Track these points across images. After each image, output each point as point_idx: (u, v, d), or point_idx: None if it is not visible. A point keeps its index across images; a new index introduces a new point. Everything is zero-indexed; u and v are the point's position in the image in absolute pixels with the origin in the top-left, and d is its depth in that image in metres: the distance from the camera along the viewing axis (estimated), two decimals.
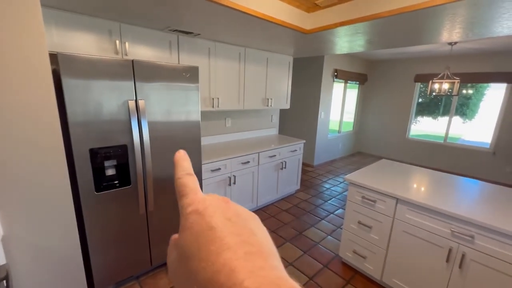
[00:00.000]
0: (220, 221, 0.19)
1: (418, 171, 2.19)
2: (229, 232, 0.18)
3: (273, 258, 0.18)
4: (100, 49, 1.84)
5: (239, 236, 0.18)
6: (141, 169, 1.70)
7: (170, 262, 0.21)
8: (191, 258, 0.18)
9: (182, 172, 0.24)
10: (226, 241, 0.18)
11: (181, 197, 0.22)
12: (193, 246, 0.18)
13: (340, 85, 5.26)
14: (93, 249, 1.63)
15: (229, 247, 0.17)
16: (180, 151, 0.26)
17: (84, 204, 1.53)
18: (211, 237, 0.18)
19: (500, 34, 2.08)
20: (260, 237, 0.19)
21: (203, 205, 0.20)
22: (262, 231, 0.21)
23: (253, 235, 0.19)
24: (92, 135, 1.50)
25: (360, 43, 2.62)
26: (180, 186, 0.23)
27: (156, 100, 1.73)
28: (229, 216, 0.20)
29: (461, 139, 4.91)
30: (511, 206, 1.53)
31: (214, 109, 2.66)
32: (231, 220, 0.20)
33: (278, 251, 0.20)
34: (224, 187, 2.61)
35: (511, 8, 1.48)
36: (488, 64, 4.23)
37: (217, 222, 0.19)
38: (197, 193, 0.22)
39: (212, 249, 0.17)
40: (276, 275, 0.16)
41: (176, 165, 0.25)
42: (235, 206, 0.22)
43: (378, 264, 1.87)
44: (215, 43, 2.53)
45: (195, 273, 0.17)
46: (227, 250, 0.17)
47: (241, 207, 0.22)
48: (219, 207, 0.21)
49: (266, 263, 0.17)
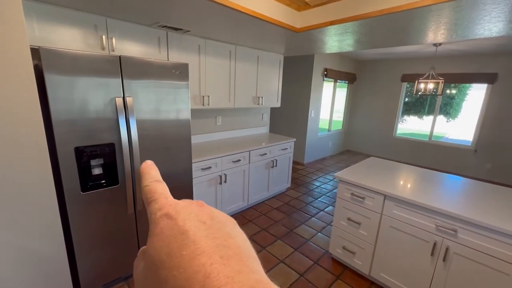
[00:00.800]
0: (193, 224, 0.18)
1: (404, 169, 2.25)
2: (203, 235, 0.17)
3: (252, 260, 0.17)
4: (85, 44, 1.78)
5: (214, 239, 0.17)
6: (129, 168, 1.66)
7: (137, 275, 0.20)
8: (160, 267, 0.16)
9: (150, 179, 0.22)
10: (200, 245, 0.16)
11: (150, 203, 0.20)
12: (162, 252, 0.17)
13: (330, 84, 5.33)
14: (79, 250, 1.58)
15: (203, 251, 0.16)
16: (147, 161, 0.25)
17: (69, 204, 1.48)
18: (184, 241, 0.17)
19: (481, 36, 2.16)
20: (237, 240, 0.18)
21: (174, 209, 0.19)
22: (239, 234, 0.20)
23: (229, 237, 0.18)
24: (78, 133, 1.45)
25: (350, 42, 2.66)
26: (148, 193, 0.21)
27: (145, 97, 1.69)
28: (203, 219, 0.19)
29: (444, 138, 5.09)
30: (490, 201, 1.60)
31: (204, 107, 2.63)
32: (206, 223, 0.18)
33: (269, 249, 0.19)
34: (215, 185, 2.59)
35: (491, 11, 1.54)
36: (470, 65, 4.40)
37: (191, 225, 0.18)
38: (168, 198, 0.21)
39: (184, 255, 0.16)
40: (256, 279, 0.15)
41: (143, 174, 0.23)
42: (210, 209, 0.21)
43: (367, 260, 1.91)
44: (205, 40, 2.50)
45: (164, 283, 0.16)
46: (201, 254, 0.16)
47: (216, 210, 0.21)
48: (193, 211, 0.19)
49: (245, 267, 0.16)
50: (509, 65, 4.05)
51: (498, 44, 3.50)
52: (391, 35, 2.27)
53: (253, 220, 2.84)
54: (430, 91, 3.78)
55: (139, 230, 1.85)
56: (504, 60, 4.08)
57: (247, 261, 0.17)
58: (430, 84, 3.73)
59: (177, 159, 1.97)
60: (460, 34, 2.14)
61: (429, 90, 3.78)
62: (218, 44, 2.63)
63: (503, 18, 1.68)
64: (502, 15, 1.61)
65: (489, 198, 1.65)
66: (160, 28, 2.12)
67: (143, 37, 2.06)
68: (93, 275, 1.68)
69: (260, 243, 2.40)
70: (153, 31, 2.10)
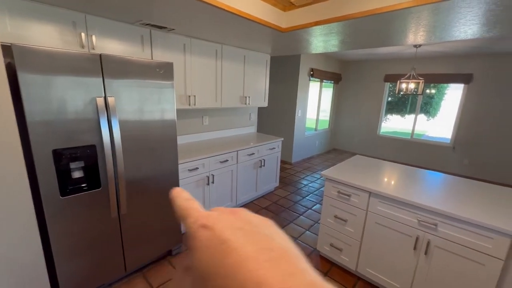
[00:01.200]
0: (231, 233, 0.18)
1: (388, 166, 2.32)
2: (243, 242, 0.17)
3: (299, 260, 0.17)
4: (63, 42, 1.70)
5: (255, 244, 0.17)
6: (112, 171, 1.61)
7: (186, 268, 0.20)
8: (208, 278, 0.16)
9: (181, 200, 0.23)
10: (243, 251, 0.16)
11: (185, 219, 0.21)
12: (208, 265, 0.17)
13: (316, 84, 5.40)
14: (58, 257, 1.51)
15: (248, 257, 0.16)
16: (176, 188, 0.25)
17: (47, 209, 1.41)
18: (226, 251, 0.17)
19: (457, 38, 2.26)
20: (279, 241, 0.18)
21: (209, 220, 0.19)
22: (278, 234, 0.20)
23: (271, 240, 0.18)
24: (56, 135, 1.38)
25: (334, 43, 2.70)
26: (181, 210, 0.22)
27: (128, 97, 1.64)
28: (240, 225, 0.19)
29: (425, 135, 5.29)
30: (468, 196, 1.68)
31: (190, 107, 2.59)
32: (243, 229, 0.18)
33: None
34: (203, 186, 2.56)
35: (466, 14, 1.62)
36: (448, 66, 4.60)
37: (229, 234, 0.18)
38: (200, 211, 0.21)
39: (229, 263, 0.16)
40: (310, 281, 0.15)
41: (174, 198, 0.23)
42: (245, 214, 0.21)
43: (353, 256, 1.95)
44: (190, 39, 2.46)
45: None
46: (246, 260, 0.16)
47: (251, 213, 0.21)
48: (228, 219, 0.20)
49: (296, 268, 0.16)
50: (483, 66, 4.27)
51: (473, 46, 3.68)
52: (374, 36, 2.33)
53: None
54: (411, 90, 3.92)
55: (123, 234, 1.79)
56: (478, 61, 4.30)
57: (296, 261, 0.16)
58: (411, 84, 3.87)
59: (163, 160, 1.92)
60: (438, 36, 2.24)
61: (410, 90, 3.92)
62: (204, 43, 2.59)
63: (477, 21, 1.76)
64: (476, 18, 1.69)
65: (466, 193, 1.73)
66: (143, 26, 2.06)
67: (125, 35, 2.00)
68: (73, 283, 1.60)
69: None
70: (136, 29, 2.04)
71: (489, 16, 1.65)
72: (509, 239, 1.29)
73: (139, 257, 1.93)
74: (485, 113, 4.35)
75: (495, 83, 4.20)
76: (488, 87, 4.27)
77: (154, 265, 2.06)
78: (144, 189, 1.84)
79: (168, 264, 2.10)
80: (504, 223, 1.32)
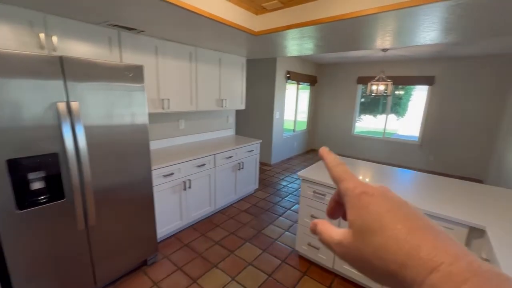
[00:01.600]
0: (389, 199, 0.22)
1: (362, 165, 2.42)
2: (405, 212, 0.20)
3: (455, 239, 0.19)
4: (19, 43, 1.57)
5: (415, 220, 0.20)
6: (77, 180, 1.51)
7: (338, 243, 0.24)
8: (375, 234, 0.20)
9: (333, 161, 0.27)
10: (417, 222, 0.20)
11: (341, 181, 0.25)
12: (375, 223, 0.20)
13: (293, 86, 5.51)
14: (17, 278, 1.38)
15: (419, 227, 0.19)
16: (324, 147, 0.29)
17: (1, 225, 1.29)
18: (397, 217, 0.20)
19: (418, 43, 2.43)
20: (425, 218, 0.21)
21: (370, 189, 0.23)
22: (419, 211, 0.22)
23: (422, 216, 0.21)
24: (10, 143, 1.27)
25: (309, 46, 2.77)
26: (337, 172, 0.26)
27: (94, 102, 1.55)
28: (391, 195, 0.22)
29: (395, 134, 5.60)
30: (433, 190, 1.80)
31: (164, 111, 2.51)
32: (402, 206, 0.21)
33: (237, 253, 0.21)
34: (179, 192, 2.49)
35: (424, 21, 1.74)
36: (413, 68, 4.92)
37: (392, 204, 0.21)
38: (356, 178, 0.25)
39: (400, 228, 0.19)
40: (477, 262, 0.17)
41: (324, 157, 0.28)
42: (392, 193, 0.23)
43: (330, 254, 2.00)
44: (163, 42, 2.39)
45: (384, 247, 0.19)
46: (417, 230, 0.19)
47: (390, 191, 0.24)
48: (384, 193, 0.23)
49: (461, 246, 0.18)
50: (443, 69, 4.62)
51: (435, 50, 3.97)
52: (345, 40, 2.43)
53: (221, 225, 2.79)
54: (381, 92, 4.13)
55: (92, 247, 1.68)
56: (439, 65, 4.64)
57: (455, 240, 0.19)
58: (380, 86, 4.08)
59: (135, 167, 1.84)
60: (402, 41, 2.38)
61: (380, 91, 4.12)
62: (177, 45, 2.53)
63: (435, 28, 1.90)
64: (433, 25, 1.82)
65: (431, 188, 1.84)
66: (110, 27, 1.97)
67: (91, 36, 1.89)
68: None
69: (228, 247, 2.36)
70: (102, 30, 1.95)
71: (445, 23, 1.78)
72: (466, 229, 1.40)
73: (111, 270, 1.83)
74: (447, 112, 4.71)
75: (455, 85, 4.56)
76: (448, 88, 4.63)
77: (128, 277, 1.96)
78: (114, 198, 1.75)
79: (144, 274, 2.00)
80: (461, 214, 1.43)
